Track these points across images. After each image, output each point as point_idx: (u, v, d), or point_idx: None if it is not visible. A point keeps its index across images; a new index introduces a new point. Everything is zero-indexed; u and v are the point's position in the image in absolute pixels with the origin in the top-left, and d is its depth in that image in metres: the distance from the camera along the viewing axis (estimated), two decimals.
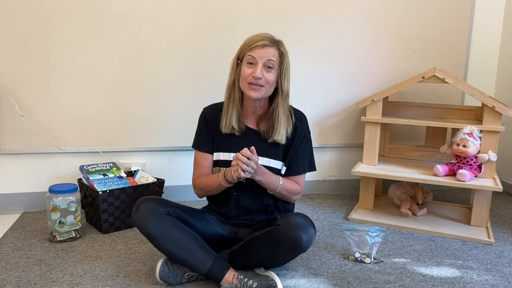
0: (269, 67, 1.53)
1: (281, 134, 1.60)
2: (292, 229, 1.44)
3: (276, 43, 1.57)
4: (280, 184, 1.59)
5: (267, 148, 1.62)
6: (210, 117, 1.67)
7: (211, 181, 1.61)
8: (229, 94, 1.62)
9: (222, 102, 1.68)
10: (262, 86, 1.53)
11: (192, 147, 1.70)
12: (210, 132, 1.66)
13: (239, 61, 1.59)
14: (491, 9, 2.67)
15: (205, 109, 1.71)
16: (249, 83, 1.54)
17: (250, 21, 2.33)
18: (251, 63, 1.53)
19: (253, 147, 1.47)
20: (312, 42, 2.45)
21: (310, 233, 1.46)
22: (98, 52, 2.20)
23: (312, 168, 1.72)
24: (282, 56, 1.57)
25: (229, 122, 1.61)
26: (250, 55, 1.53)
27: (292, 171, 1.67)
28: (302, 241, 1.43)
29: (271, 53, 1.53)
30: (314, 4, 2.41)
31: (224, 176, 1.54)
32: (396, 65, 2.58)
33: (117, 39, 2.21)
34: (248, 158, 1.44)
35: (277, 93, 1.60)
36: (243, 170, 1.44)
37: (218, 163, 1.64)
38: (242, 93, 1.62)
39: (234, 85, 1.61)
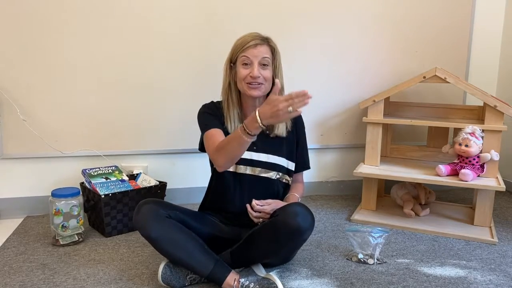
0: (264, 64, 1.57)
1: (281, 128, 1.68)
2: (290, 216, 1.45)
3: (266, 40, 1.60)
4: (299, 199, 1.72)
5: (269, 143, 1.67)
6: (213, 111, 1.67)
7: (230, 137, 1.44)
8: (227, 97, 1.66)
9: (218, 101, 1.71)
10: (261, 83, 1.57)
11: (203, 133, 1.61)
12: (219, 119, 1.64)
13: (232, 64, 1.62)
14: (492, 8, 2.67)
15: (204, 105, 1.70)
16: (248, 83, 1.57)
17: (251, 23, 2.33)
18: (246, 64, 1.57)
19: (253, 203, 1.59)
20: (313, 43, 2.45)
21: (308, 218, 1.46)
22: (99, 56, 2.20)
23: None
24: (274, 51, 1.61)
25: (235, 126, 1.63)
26: (244, 56, 1.57)
27: (303, 165, 1.79)
28: (300, 226, 1.43)
29: (264, 51, 1.57)
30: (315, 5, 2.41)
31: (244, 128, 1.36)
32: (397, 65, 2.58)
33: (119, 42, 2.21)
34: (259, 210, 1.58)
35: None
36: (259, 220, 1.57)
37: None
38: (239, 94, 1.66)
39: (230, 88, 1.64)
